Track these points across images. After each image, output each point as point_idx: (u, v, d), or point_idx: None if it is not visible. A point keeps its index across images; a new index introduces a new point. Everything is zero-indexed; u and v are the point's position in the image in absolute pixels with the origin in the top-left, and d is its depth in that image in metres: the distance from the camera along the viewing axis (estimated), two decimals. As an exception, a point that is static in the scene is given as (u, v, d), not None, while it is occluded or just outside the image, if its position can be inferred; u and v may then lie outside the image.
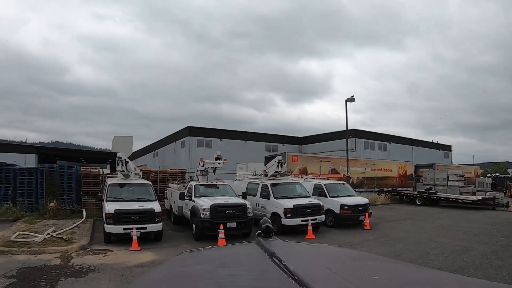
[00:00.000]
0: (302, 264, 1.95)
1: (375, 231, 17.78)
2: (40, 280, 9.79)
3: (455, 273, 10.21)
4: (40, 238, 14.45)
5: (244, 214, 15.50)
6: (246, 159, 39.60)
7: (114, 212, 14.44)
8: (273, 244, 2.49)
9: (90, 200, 22.98)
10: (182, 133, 54.50)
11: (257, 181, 19.71)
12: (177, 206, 18.61)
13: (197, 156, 48.34)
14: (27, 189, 22.59)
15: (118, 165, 17.69)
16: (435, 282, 1.88)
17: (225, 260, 2.57)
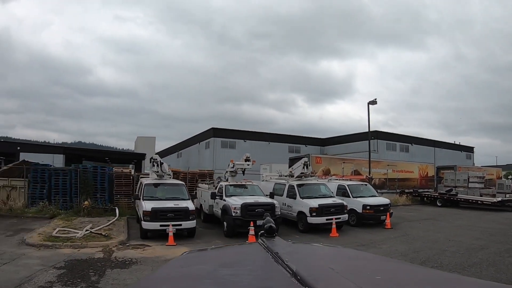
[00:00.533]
0: (305, 264, 2.00)
1: (395, 230, 18.61)
2: (88, 271, 10.93)
3: (469, 268, 11.19)
4: (80, 234, 15.67)
5: (272, 212, 16.52)
6: (270, 160, 40.41)
7: (152, 210, 15.53)
8: (276, 244, 2.55)
9: (122, 199, 24.28)
10: (206, 134, 55.70)
11: (284, 182, 20.75)
12: (208, 205, 19.71)
13: (221, 157, 49.51)
14: (61, 188, 24.01)
15: (153, 166, 18.89)
16: (437, 282, 1.95)
17: (228, 260, 2.65)
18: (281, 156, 47.86)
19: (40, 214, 21.62)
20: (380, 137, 55.12)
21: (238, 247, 3.53)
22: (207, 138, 54.90)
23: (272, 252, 2.30)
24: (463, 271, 10.82)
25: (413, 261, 12.14)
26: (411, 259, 12.41)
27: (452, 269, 11.07)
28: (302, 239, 16.14)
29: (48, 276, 10.34)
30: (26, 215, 21.53)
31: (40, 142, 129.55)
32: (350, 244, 14.96)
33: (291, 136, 61.75)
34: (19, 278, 9.86)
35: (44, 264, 11.59)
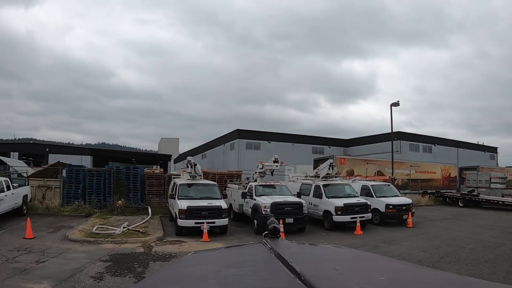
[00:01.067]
0: (308, 265, 2.01)
1: (417, 229, 19.38)
2: (133, 263, 12.11)
3: (485, 263, 12.05)
4: (119, 231, 16.96)
5: (300, 211, 17.66)
6: (294, 161, 41.00)
7: (187, 208, 16.67)
8: (280, 245, 2.57)
9: (153, 199, 25.60)
10: (231, 136, 56.81)
11: (310, 182, 21.77)
12: (238, 204, 20.85)
13: (246, 158, 50.59)
14: (95, 188, 25.41)
15: (187, 167, 20.07)
16: (441, 283, 1.95)
17: (232, 260, 2.68)
18: (305, 157, 48.62)
19: (76, 213, 23.00)
20: (403, 138, 55.47)
21: (242, 248, 3.54)
22: (232, 140, 56.05)
23: (275, 252, 2.33)
24: (479, 266, 11.68)
25: (432, 256, 13.08)
26: (430, 254, 13.32)
27: (469, 264, 11.94)
28: (328, 237, 17.18)
29: (97, 268, 11.46)
30: (63, 214, 22.83)
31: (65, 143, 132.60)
32: (374, 241, 15.93)
33: (314, 137, 62.44)
34: (71, 269, 11.02)
35: (90, 257, 12.71)
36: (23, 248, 13.45)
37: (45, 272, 10.70)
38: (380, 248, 14.54)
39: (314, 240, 16.34)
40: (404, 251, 13.92)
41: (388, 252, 13.77)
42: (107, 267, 11.57)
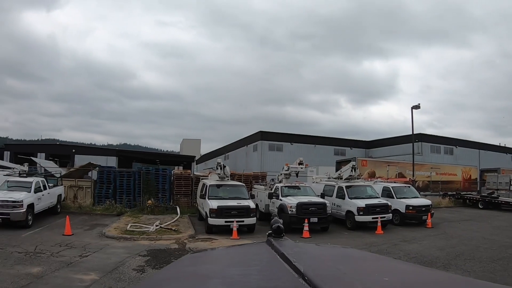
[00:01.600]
0: (312, 265, 2.00)
1: (436, 229, 20.21)
2: (170, 258, 13.19)
3: (498, 261, 12.93)
4: (153, 228, 18.22)
5: (324, 211, 18.72)
6: (316, 162, 41.87)
7: (218, 208, 17.83)
8: (284, 245, 2.56)
9: (182, 199, 26.91)
10: (254, 138, 57.88)
11: (333, 183, 22.77)
12: (264, 204, 21.95)
13: (268, 159, 51.55)
14: (125, 188, 26.82)
15: (217, 168, 21.26)
16: (444, 284, 1.97)
17: (235, 259, 2.68)
18: (327, 158, 49.46)
19: (107, 212, 24.33)
20: (425, 140, 55.81)
21: (245, 247, 3.52)
22: (255, 141, 57.21)
23: (279, 252, 2.33)
24: (492, 263, 12.55)
25: (448, 255, 13.99)
26: (447, 253, 14.23)
27: (483, 262, 12.82)
28: (350, 236, 18.17)
29: (137, 261, 12.66)
30: (95, 212, 24.16)
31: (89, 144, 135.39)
32: (394, 240, 16.85)
33: (336, 139, 63.20)
34: (113, 263, 12.24)
35: (129, 252, 13.93)
36: (65, 244, 14.71)
37: (90, 265, 11.93)
38: (400, 246, 15.48)
39: (337, 238, 17.42)
40: (422, 249, 14.83)
41: (407, 250, 14.74)
42: (146, 261, 12.74)
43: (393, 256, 13.23)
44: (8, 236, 15.59)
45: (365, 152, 62.31)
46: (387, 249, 14.77)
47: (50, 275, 10.56)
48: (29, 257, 12.44)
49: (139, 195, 26.49)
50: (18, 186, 19.64)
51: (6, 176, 21.62)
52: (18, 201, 17.80)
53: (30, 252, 13.20)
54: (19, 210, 17.64)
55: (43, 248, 13.85)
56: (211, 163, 77.01)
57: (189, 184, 27.43)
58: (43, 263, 11.76)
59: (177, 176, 28.03)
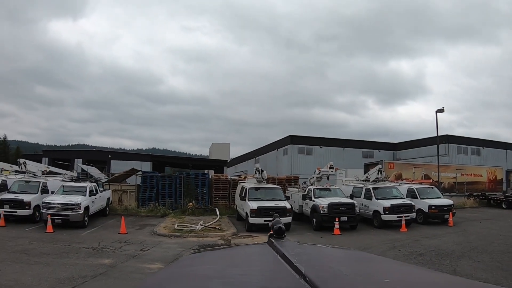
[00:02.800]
0: (313, 266, 2.03)
1: (456, 227, 21.78)
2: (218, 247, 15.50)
3: (508, 254, 14.58)
4: (199, 227, 20.52)
5: (353, 210, 20.67)
6: (345, 165, 42.92)
7: (257, 208, 20.01)
8: (285, 245, 2.61)
9: (220, 201, 29.21)
10: (284, 142, 59.72)
11: (361, 185, 24.67)
12: (298, 205, 23.97)
13: (298, 162, 53.19)
14: (167, 192, 29.26)
15: (255, 173, 23.45)
16: (445, 286, 2.01)
17: (236, 260, 2.73)
18: (355, 161, 50.55)
19: (152, 213, 26.69)
20: (451, 141, 56.18)
21: (246, 248, 3.60)
22: (285, 145, 58.93)
23: (280, 253, 2.36)
24: (502, 255, 14.21)
25: (464, 248, 15.73)
26: (462, 247, 15.94)
27: (493, 254, 14.50)
28: (377, 233, 20.01)
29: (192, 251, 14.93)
30: (140, 214, 26.49)
31: (121, 150, 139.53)
32: (416, 237, 18.60)
33: (364, 141, 64.31)
34: (172, 255, 14.39)
35: (182, 247, 16.09)
36: (123, 241, 16.98)
37: (152, 257, 14.20)
38: (420, 241, 17.23)
39: (365, 235, 19.34)
40: (440, 244, 16.61)
41: (426, 244, 16.50)
42: (200, 253, 14.92)
43: (414, 250, 15.27)
44: (70, 235, 17.93)
45: (393, 154, 62.95)
46: (409, 244, 16.57)
47: (121, 265, 12.80)
48: (97, 251, 14.75)
49: (180, 198, 28.89)
50: (74, 190, 22.14)
51: (61, 182, 24.30)
52: (77, 203, 20.29)
53: (96, 247, 15.48)
54: (77, 212, 20.12)
55: (105, 244, 16.13)
56: (241, 167, 79.01)
57: (227, 187, 29.76)
58: (111, 256, 14.03)
59: (215, 180, 30.42)
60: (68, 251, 14.27)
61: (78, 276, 10.77)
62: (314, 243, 4.71)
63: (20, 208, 20.65)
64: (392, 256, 14.31)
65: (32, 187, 22.30)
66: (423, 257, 14.05)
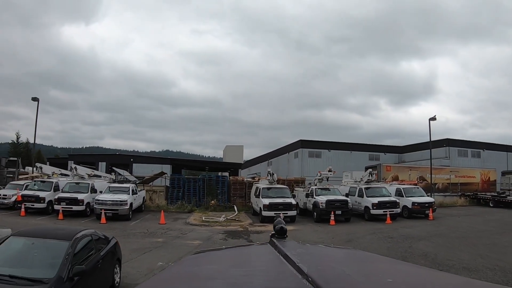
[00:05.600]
0: (316, 266, 2.05)
1: (435, 221, 25.81)
2: (240, 234, 20.23)
3: (460, 239, 18.56)
4: (222, 219, 25.37)
5: (346, 206, 25.28)
6: (352, 167, 46.18)
7: (269, 204, 24.75)
8: (287, 245, 2.65)
9: (237, 199, 34.00)
10: (295, 145, 64.15)
11: (356, 186, 29.13)
12: (302, 202, 28.53)
13: (308, 165, 57.27)
14: (192, 192, 34.15)
15: (268, 176, 28.14)
16: (446, 285, 2.04)
17: (238, 260, 2.77)
18: (362, 163, 53.29)
19: (180, 210, 31.44)
20: (452, 145, 59.37)
21: (248, 248, 3.71)
22: (296, 149, 63.27)
23: (282, 253, 2.39)
24: (455, 239, 18.47)
25: (429, 234, 20.00)
26: (428, 233, 20.16)
27: (450, 238, 18.69)
28: (366, 224, 24.27)
29: (219, 236, 19.62)
30: (170, 210, 31.01)
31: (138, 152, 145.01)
32: (396, 227, 22.75)
33: (371, 145, 68.11)
34: (205, 237, 19.24)
35: (211, 232, 21.00)
36: (165, 229, 21.70)
37: (191, 237, 19.00)
38: (398, 230, 21.39)
39: (355, 225, 23.73)
40: (412, 231, 20.83)
41: (401, 232, 20.66)
42: (225, 236, 19.74)
43: (388, 235, 19.64)
44: (121, 225, 22.48)
45: (398, 157, 66.41)
46: (387, 231, 20.87)
47: (170, 242, 17.58)
48: (149, 235, 19.47)
49: (203, 196, 33.82)
50: (118, 190, 26.96)
51: (108, 183, 29.30)
52: (124, 200, 25.10)
53: (146, 232, 20.16)
54: (125, 207, 24.91)
55: (152, 230, 20.83)
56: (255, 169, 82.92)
57: (243, 187, 34.73)
58: (161, 237, 18.80)
59: (233, 182, 35.50)
60: (127, 235, 18.88)
61: (144, 247, 15.51)
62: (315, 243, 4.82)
63: (75, 205, 25.32)
64: (369, 238, 18.89)
65: (82, 188, 27.11)
66: (392, 239, 18.50)
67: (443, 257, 14.28)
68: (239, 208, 31.68)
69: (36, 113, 37.48)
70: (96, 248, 8.49)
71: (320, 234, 20.67)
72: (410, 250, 15.91)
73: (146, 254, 14.56)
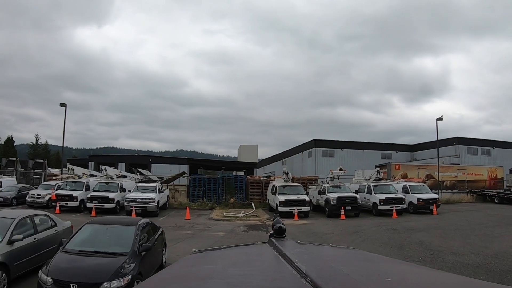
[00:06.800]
0: (314, 265, 2.04)
1: (438, 216, 27.78)
2: (259, 227, 22.53)
3: (455, 231, 20.69)
4: (242, 214, 27.80)
5: (355, 202, 27.52)
6: (364, 166, 47.41)
7: (285, 200, 27.06)
8: (286, 245, 2.66)
9: (254, 197, 36.36)
10: (308, 145, 66.31)
11: (365, 183, 31.35)
12: (315, 199, 30.72)
13: (322, 164, 59.25)
14: (213, 190, 36.63)
15: (283, 175, 30.47)
16: (446, 285, 2.03)
17: (237, 260, 2.77)
18: (374, 162, 55.42)
19: (201, 207, 33.93)
20: (462, 143, 60.68)
21: (247, 247, 3.62)
22: (310, 148, 65.33)
23: (281, 252, 2.40)
24: (451, 230, 20.51)
25: (428, 226, 22.08)
26: (428, 226, 22.21)
27: (445, 230, 20.72)
28: (373, 219, 26.36)
29: (241, 229, 21.97)
30: (192, 207, 33.00)
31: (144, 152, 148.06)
32: (401, 221, 24.80)
33: (383, 144, 69.80)
34: (228, 229, 21.60)
35: (233, 225, 23.37)
36: (191, 223, 24.13)
37: (216, 230, 21.42)
38: (401, 223, 23.46)
39: (364, 219, 25.89)
40: (414, 225, 22.91)
41: (404, 225, 22.72)
42: (246, 229, 22.11)
43: (392, 227, 21.75)
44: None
45: (409, 155, 68.07)
46: (392, 225, 22.97)
47: (198, 233, 20.00)
48: (178, 228, 21.87)
49: (222, 194, 36.26)
50: (146, 189, 29.47)
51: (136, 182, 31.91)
52: (152, 198, 27.57)
53: (175, 226, 22.50)
54: (153, 204, 27.36)
55: (180, 225, 23.22)
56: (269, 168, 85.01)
57: (260, 186, 37.15)
58: (189, 230, 21.26)
59: (251, 181, 38.08)
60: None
61: (177, 238, 17.94)
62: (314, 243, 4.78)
63: (106, 203, 27.87)
64: (374, 230, 21.07)
65: (112, 187, 29.79)
66: (395, 230, 20.66)
67: (436, 245, 16.42)
68: (256, 205, 34.13)
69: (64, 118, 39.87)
70: (151, 233, 10.94)
71: (330, 227, 22.80)
72: (408, 239, 18.05)
73: (180, 243, 16.98)
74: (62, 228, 12.84)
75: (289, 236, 3.03)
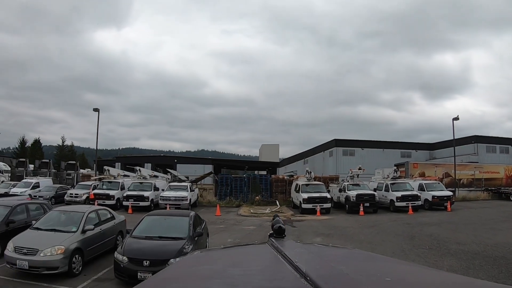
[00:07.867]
0: (314, 265, 2.04)
1: (452, 212, 29.41)
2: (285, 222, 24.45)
3: (466, 225, 22.60)
4: (268, 211, 29.98)
5: (373, 199, 29.55)
6: (384, 164, 48.47)
7: (308, 197, 29.20)
8: (285, 245, 2.67)
9: (279, 195, 38.60)
10: (329, 145, 68.32)
11: (383, 181, 33.35)
12: (336, 196, 32.84)
13: (342, 163, 61.11)
14: (239, 189, 39.02)
15: (306, 174, 32.65)
16: (446, 284, 2.01)
17: (236, 260, 2.74)
18: (394, 160, 56.14)
19: (228, 205, 36.22)
20: (481, 141, 61.88)
21: (247, 247, 3.62)
22: (331, 148, 67.31)
23: (281, 252, 2.40)
24: (462, 225, 22.29)
25: (440, 221, 23.90)
26: (440, 221, 23.95)
27: (457, 225, 22.49)
28: (390, 215, 28.22)
29: (268, 223, 23.01)
30: (220, 205, 35.06)
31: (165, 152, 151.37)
32: (415, 216, 26.63)
33: (402, 142, 71.41)
34: (257, 224, 23.85)
35: (261, 220, 25.63)
36: (221, 219, 26.37)
37: (246, 224, 23.72)
38: (416, 219, 25.27)
39: (381, 215, 27.84)
40: (428, 220, 24.70)
41: (418, 220, 24.53)
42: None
43: (407, 222, 23.69)
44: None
45: (429, 154, 69.42)
46: (407, 220, 24.81)
47: (230, 227, 22.31)
48: (211, 223, 23.53)
49: (248, 193, 38.65)
50: (178, 188, 32.00)
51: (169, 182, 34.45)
52: (185, 197, 30.07)
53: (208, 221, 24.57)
54: (185, 202, 29.88)
55: (212, 220, 25.11)
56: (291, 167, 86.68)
57: (284, 184, 39.49)
58: (221, 224, 23.51)
59: (275, 180, 40.51)
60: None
61: (212, 231, 20.07)
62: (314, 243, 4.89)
63: (142, 201, 30.24)
64: (390, 224, 23.08)
65: (146, 186, 32.28)
66: (409, 224, 22.60)
67: (444, 236, 18.34)
68: (280, 202, 36.30)
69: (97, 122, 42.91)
70: (198, 223, 13.28)
71: (350, 222, 24.75)
72: (420, 232, 19.99)
73: (215, 235, 19.21)
74: (118, 221, 15.27)
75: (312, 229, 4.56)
